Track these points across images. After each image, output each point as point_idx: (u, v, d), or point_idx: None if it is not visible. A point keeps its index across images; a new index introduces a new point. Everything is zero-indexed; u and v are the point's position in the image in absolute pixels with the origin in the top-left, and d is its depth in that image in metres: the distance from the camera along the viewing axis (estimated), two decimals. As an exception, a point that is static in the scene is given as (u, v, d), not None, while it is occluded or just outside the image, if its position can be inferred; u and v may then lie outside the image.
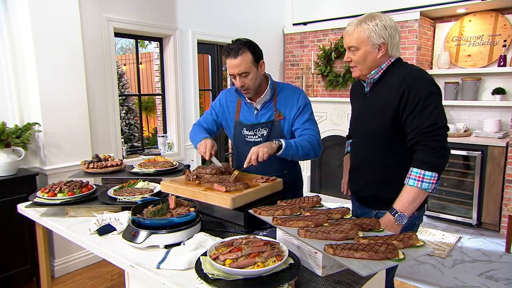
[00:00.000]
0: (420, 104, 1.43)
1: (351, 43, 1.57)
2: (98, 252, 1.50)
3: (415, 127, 1.45)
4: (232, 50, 1.79)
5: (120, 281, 2.98)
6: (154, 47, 5.31)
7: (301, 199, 1.57)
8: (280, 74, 5.56)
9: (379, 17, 1.54)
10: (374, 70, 1.59)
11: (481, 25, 4.29)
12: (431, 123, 1.42)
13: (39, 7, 2.79)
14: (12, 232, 2.73)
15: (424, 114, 1.43)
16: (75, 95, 3.06)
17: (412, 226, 1.64)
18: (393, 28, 1.55)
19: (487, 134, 4.14)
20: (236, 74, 1.82)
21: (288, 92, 1.97)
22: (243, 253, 1.10)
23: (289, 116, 1.93)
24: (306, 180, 5.39)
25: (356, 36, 1.54)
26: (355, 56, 1.58)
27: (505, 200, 3.77)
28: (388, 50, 1.56)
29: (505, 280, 2.95)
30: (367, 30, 1.52)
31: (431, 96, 1.44)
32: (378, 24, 1.52)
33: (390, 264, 1.06)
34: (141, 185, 2.01)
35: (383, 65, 1.58)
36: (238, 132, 2.03)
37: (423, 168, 1.42)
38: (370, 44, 1.53)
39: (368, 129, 1.64)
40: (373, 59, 1.56)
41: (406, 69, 1.55)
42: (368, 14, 1.57)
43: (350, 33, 1.57)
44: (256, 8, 4.96)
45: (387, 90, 1.55)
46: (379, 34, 1.52)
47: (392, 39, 1.55)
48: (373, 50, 1.54)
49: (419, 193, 1.43)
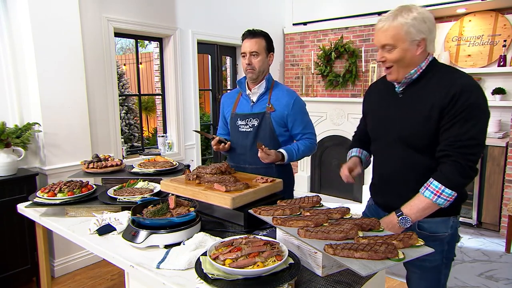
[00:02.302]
0: (465, 113, 1.29)
1: (386, 41, 1.38)
2: (98, 252, 1.50)
3: (451, 136, 1.31)
4: (251, 32, 2.06)
5: (120, 281, 2.98)
6: (154, 47, 5.31)
7: (301, 199, 1.57)
8: (280, 74, 5.56)
9: (416, 9, 1.36)
10: (413, 70, 1.41)
11: (481, 25, 4.29)
12: (470, 137, 1.29)
13: (39, 7, 2.79)
14: (12, 232, 2.73)
15: (466, 125, 1.29)
16: (75, 95, 3.06)
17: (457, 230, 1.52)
18: (432, 21, 1.38)
19: (487, 134, 4.13)
20: (248, 52, 2.04)
21: (283, 92, 2.12)
22: (243, 253, 1.10)
23: (281, 113, 2.07)
24: (306, 180, 5.39)
25: (393, 33, 1.36)
26: (391, 55, 1.40)
27: (505, 200, 3.77)
28: (427, 45, 1.39)
29: (505, 280, 2.95)
30: (405, 25, 1.34)
31: (479, 108, 1.31)
32: (416, 18, 1.34)
33: (390, 264, 1.06)
34: (141, 185, 2.01)
35: (422, 63, 1.41)
36: (233, 124, 2.18)
37: (444, 184, 1.31)
38: (409, 40, 1.36)
39: (403, 133, 1.46)
40: (412, 56, 1.38)
41: (454, 71, 1.40)
42: (401, 6, 1.38)
43: (385, 29, 1.38)
44: (256, 8, 4.96)
45: (431, 91, 1.38)
46: (419, 28, 1.34)
47: (431, 33, 1.38)
48: (412, 47, 1.37)
49: (431, 206, 1.36)
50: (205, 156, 5.16)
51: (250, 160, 2.10)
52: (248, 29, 2.08)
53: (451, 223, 1.49)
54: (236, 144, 2.17)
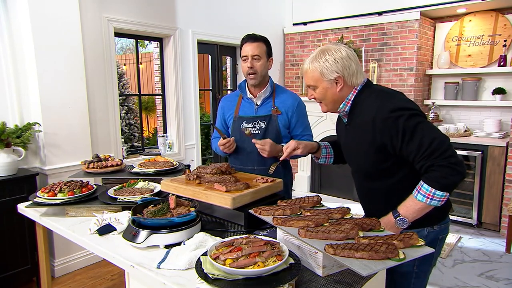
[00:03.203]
0: (408, 132, 1.35)
1: (308, 82, 1.56)
2: (98, 252, 1.50)
3: (415, 153, 1.35)
4: (252, 36, 2.09)
5: (120, 281, 2.98)
6: (154, 47, 5.31)
7: (302, 199, 1.57)
8: (280, 74, 5.56)
9: (329, 51, 1.49)
10: (343, 103, 1.54)
11: (481, 25, 4.29)
12: (431, 141, 1.33)
13: (39, 7, 2.79)
14: (12, 232, 2.73)
15: (416, 138, 1.35)
16: (75, 95, 3.06)
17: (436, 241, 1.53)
18: (346, 59, 1.48)
19: (487, 134, 4.14)
20: (250, 56, 2.06)
21: (286, 95, 2.19)
22: (243, 253, 1.10)
23: (286, 114, 2.13)
24: (306, 180, 5.39)
25: (311, 75, 1.53)
26: (316, 94, 1.56)
27: (505, 200, 3.77)
28: (346, 81, 1.50)
29: (505, 280, 2.95)
30: (319, 68, 1.49)
31: (413, 118, 1.36)
32: (328, 60, 1.47)
33: (391, 264, 1.06)
34: (141, 185, 2.01)
35: (349, 95, 1.52)
36: (236, 126, 2.18)
37: (434, 187, 1.33)
38: (326, 80, 1.50)
39: (357, 162, 1.59)
40: (333, 93, 1.52)
41: (375, 99, 1.46)
42: (319, 50, 1.53)
43: (305, 71, 1.55)
44: (256, 8, 4.96)
45: (362, 124, 1.48)
46: (331, 69, 1.47)
47: (347, 69, 1.48)
48: (330, 85, 1.51)
49: (426, 207, 1.37)
50: (205, 156, 5.16)
51: (258, 161, 2.11)
52: (248, 34, 2.11)
53: (425, 233, 1.50)
54: (242, 146, 2.16)
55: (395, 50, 4.46)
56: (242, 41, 2.11)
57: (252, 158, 2.13)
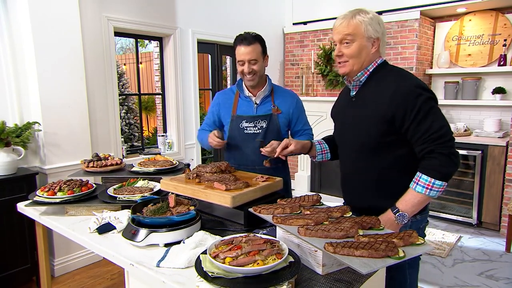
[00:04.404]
0: (423, 110, 1.37)
1: (348, 31, 1.46)
2: (98, 251, 1.50)
3: (423, 133, 1.37)
4: (246, 38, 2.01)
5: (120, 280, 2.98)
6: (154, 47, 5.32)
7: (301, 198, 1.57)
8: (280, 73, 5.56)
9: (371, 11, 1.48)
10: (360, 72, 1.51)
11: (481, 25, 4.29)
12: (439, 127, 1.36)
13: (39, 6, 2.79)
14: (12, 231, 2.73)
15: (429, 119, 1.37)
16: (75, 94, 3.06)
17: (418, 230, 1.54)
18: (384, 26, 1.50)
19: (487, 134, 4.14)
20: (246, 60, 2.01)
21: (285, 93, 2.21)
22: (243, 251, 1.10)
23: (287, 113, 2.14)
24: (306, 180, 5.39)
25: (353, 27, 1.45)
26: (348, 50, 1.48)
27: (505, 200, 3.76)
28: (380, 46, 1.50)
29: (505, 279, 2.95)
30: (363, 23, 1.44)
31: (430, 101, 1.40)
32: (373, 18, 1.46)
33: (390, 262, 1.06)
34: (141, 184, 2.01)
35: (369, 66, 1.51)
36: (235, 126, 2.15)
37: (433, 177, 1.35)
38: (366, 37, 1.46)
39: (357, 137, 1.55)
40: (367, 54, 1.49)
41: (397, 75, 1.48)
42: (357, 9, 1.49)
43: (344, 25, 1.47)
44: (256, 7, 4.96)
45: (377, 97, 1.47)
46: (375, 28, 1.46)
47: (384, 36, 1.50)
48: (368, 44, 1.47)
49: (425, 199, 1.40)
50: (205, 155, 5.16)
51: (259, 160, 2.03)
52: (241, 34, 2.04)
53: (409, 223, 1.51)
54: (241, 146, 2.14)
55: (395, 49, 4.46)
56: (235, 42, 2.04)
57: (251, 158, 2.12)
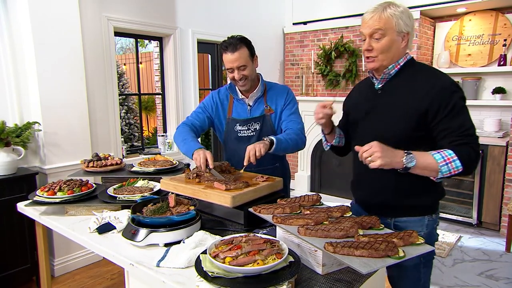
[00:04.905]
0: (456, 108, 1.37)
1: (379, 25, 1.41)
2: (98, 251, 1.50)
3: (455, 129, 1.36)
4: (230, 45, 1.90)
5: (119, 280, 2.98)
6: (154, 47, 5.32)
7: (301, 198, 1.57)
8: (280, 73, 5.56)
9: (402, 5, 1.44)
10: (391, 65, 1.47)
11: (481, 25, 4.29)
12: (470, 126, 1.38)
13: (39, 7, 2.79)
14: (12, 231, 2.73)
15: (461, 117, 1.37)
16: (75, 94, 3.06)
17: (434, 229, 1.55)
18: (414, 21, 1.47)
19: (487, 134, 4.13)
20: (235, 67, 1.93)
21: (277, 90, 2.11)
22: (243, 251, 1.10)
23: (279, 110, 2.06)
24: (306, 180, 5.39)
25: (384, 22, 1.40)
26: (378, 44, 1.43)
27: (505, 200, 3.76)
28: (409, 41, 1.46)
29: (505, 279, 2.95)
30: (395, 17, 1.40)
31: (463, 100, 1.41)
32: (404, 12, 1.42)
33: (390, 262, 1.06)
34: (141, 184, 2.01)
35: (400, 60, 1.47)
36: (230, 129, 2.11)
37: (457, 155, 1.30)
38: (397, 31, 1.41)
39: (385, 126, 1.48)
40: (397, 48, 1.44)
41: (433, 71, 1.48)
42: (386, 1, 1.44)
43: (375, 18, 1.42)
44: (256, 7, 4.96)
45: (411, 91, 1.43)
46: (406, 22, 1.41)
47: (413, 30, 1.46)
48: (398, 38, 1.43)
49: (434, 168, 1.32)
50: (205, 155, 5.14)
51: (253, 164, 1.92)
52: (225, 41, 1.93)
53: (426, 221, 1.51)
54: (236, 149, 2.07)
55: (395, 49, 4.45)
56: (221, 49, 1.95)
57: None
